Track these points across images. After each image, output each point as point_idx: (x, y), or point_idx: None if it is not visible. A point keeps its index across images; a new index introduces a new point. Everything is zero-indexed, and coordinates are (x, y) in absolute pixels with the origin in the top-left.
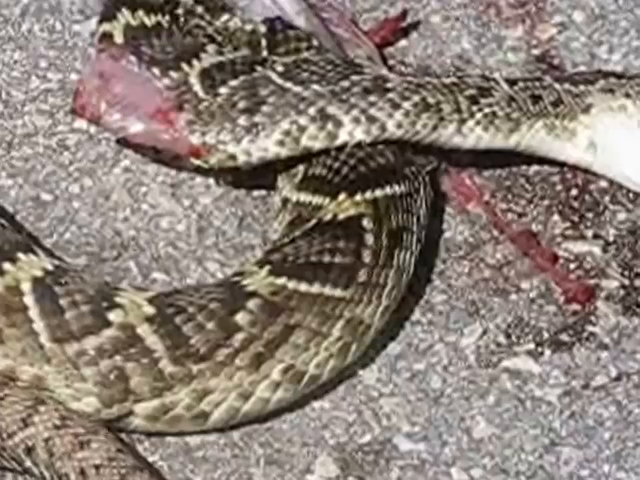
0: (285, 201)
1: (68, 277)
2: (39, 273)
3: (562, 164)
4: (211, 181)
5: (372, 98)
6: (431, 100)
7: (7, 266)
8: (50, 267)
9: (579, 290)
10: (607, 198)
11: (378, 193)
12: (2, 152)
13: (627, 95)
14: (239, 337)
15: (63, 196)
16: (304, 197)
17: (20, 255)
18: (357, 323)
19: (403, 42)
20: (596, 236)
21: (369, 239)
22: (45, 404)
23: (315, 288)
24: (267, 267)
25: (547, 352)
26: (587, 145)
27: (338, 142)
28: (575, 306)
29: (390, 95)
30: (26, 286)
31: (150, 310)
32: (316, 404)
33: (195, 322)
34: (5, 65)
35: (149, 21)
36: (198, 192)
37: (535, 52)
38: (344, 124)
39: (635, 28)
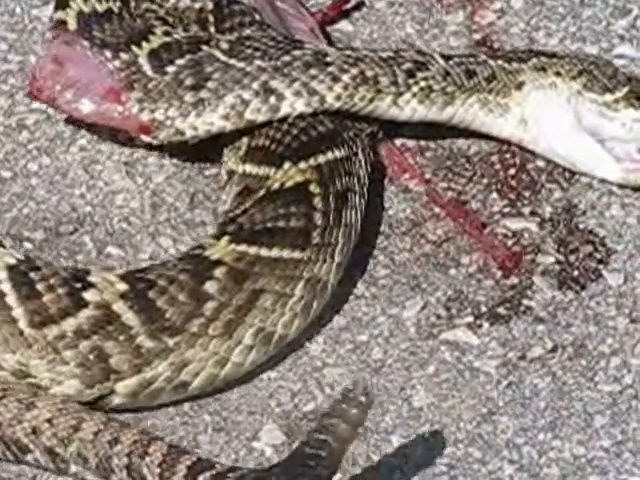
0: (231, 173)
1: (39, 264)
2: (13, 261)
3: (501, 143)
4: (164, 159)
5: (313, 72)
6: (369, 73)
7: None
8: (22, 257)
9: (506, 256)
10: (544, 177)
11: (321, 159)
12: None
13: (557, 73)
14: (210, 306)
15: (22, 173)
16: (250, 168)
17: None
18: (316, 281)
19: (349, 27)
20: (533, 213)
21: (318, 202)
22: None
23: (275, 252)
24: (226, 237)
25: (485, 325)
26: (519, 120)
27: (280, 114)
28: (513, 280)
29: (330, 69)
30: (2, 274)
31: (123, 286)
32: (263, 374)
33: (167, 295)
34: None
35: (100, 7)
36: (151, 170)
37: (476, 37)
38: (286, 97)
39: (571, 14)
